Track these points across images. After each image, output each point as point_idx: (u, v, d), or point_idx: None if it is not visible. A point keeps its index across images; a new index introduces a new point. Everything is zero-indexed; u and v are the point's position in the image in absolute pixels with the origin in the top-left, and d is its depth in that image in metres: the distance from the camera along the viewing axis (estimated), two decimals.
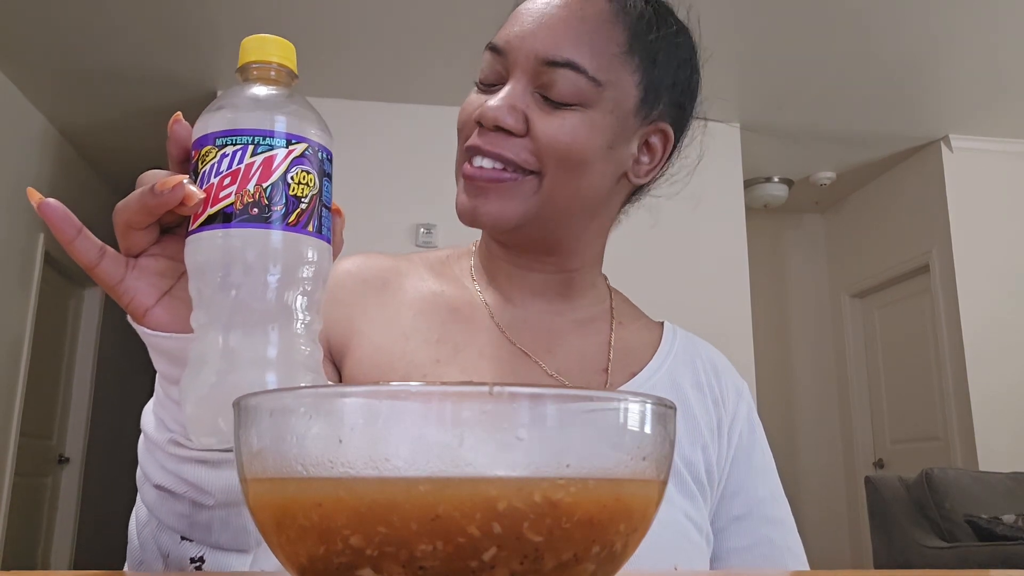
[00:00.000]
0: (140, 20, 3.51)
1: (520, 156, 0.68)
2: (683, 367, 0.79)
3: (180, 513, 0.53)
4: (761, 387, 4.39)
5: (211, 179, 0.43)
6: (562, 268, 0.77)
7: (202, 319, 0.44)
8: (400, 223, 4.00)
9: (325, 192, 0.46)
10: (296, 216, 0.44)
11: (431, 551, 0.27)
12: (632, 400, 0.30)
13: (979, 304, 4.47)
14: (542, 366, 0.74)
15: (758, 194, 5.11)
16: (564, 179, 0.69)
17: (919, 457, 4.62)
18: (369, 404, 0.28)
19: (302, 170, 0.44)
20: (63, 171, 4.72)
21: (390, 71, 3.85)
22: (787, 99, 4.19)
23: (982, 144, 4.63)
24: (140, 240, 0.47)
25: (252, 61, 0.46)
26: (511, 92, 0.69)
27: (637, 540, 0.31)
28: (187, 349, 0.46)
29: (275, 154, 0.43)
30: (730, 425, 0.77)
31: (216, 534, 0.54)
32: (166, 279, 0.48)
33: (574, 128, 0.69)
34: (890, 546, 3.57)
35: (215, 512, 0.53)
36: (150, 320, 0.48)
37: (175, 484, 0.52)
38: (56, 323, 4.79)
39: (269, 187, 0.43)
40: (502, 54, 0.70)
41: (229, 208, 0.43)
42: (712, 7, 3.81)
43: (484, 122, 0.68)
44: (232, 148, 0.43)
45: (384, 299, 0.76)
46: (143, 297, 0.48)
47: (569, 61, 0.68)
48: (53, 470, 4.82)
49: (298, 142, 0.44)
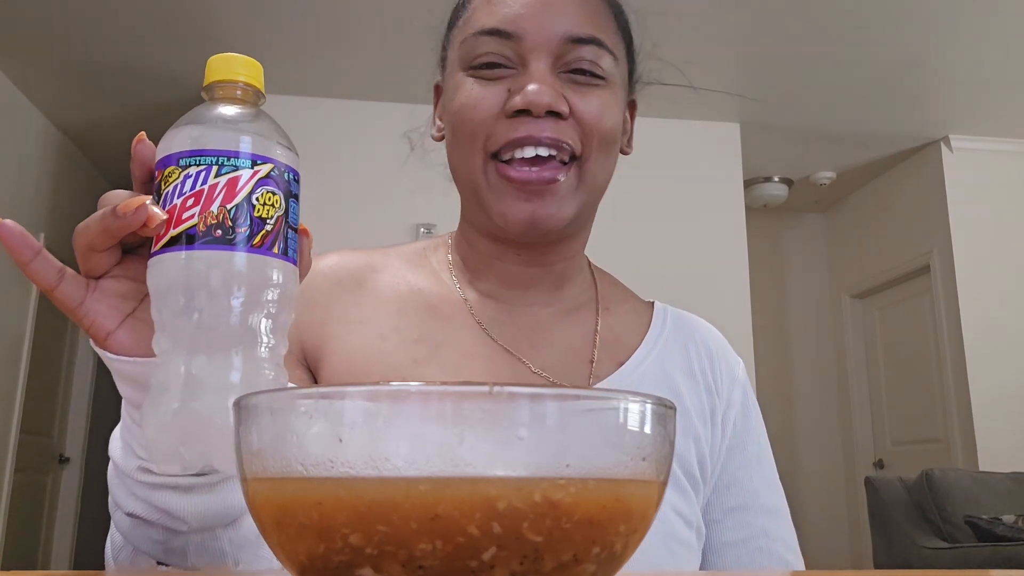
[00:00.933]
0: (140, 17, 3.51)
1: (571, 140, 0.66)
2: (673, 353, 0.76)
3: (154, 539, 0.52)
4: (761, 387, 4.39)
5: (174, 200, 0.42)
6: (564, 256, 0.75)
7: (164, 344, 0.43)
8: (400, 223, 3.99)
9: (292, 213, 0.45)
10: (261, 238, 0.43)
11: (431, 550, 0.27)
12: (632, 400, 0.30)
13: (979, 304, 4.47)
14: (525, 363, 0.71)
15: (758, 194, 5.12)
16: (602, 160, 0.69)
17: (919, 458, 4.62)
18: (369, 403, 0.28)
19: (267, 191, 0.43)
20: (64, 169, 4.72)
21: (390, 71, 3.85)
22: (787, 99, 4.19)
23: (982, 144, 4.63)
24: (101, 262, 0.46)
25: (217, 80, 0.45)
26: (543, 74, 0.66)
27: (637, 541, 0.31)
28: (150, 374, 0.45)
29: (240, 175, 0.42)
30: (724, 413, 0.75)
31: (192, 558, 0.53)
32: (128, 301, 0.47)
33: (608, 105, 0.68)
34: (890, 547, 3.57)
35: (190, 537, 0.52)
36: (112, 344, 0.46)
37: (147, 511, 0.51)
38: (56, 323, 4.79)
39: (233, 208, 0.42)
40: (512, 37, 0.67)
41: (192, 230, 0.42)
42: (713, 7, 3.79)
43: (535, 109, 0.64)
44: (196, 168, 0.42)
45: (359, 299, 0.73)
46: (104, 320, 0.46)
47: (594, 37, 0.67)
48: (53, 469, 4.82)
49: (263, 162, 0.43)
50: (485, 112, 0.67)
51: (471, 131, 0.67)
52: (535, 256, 0.73)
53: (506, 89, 0.66)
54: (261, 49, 3.74)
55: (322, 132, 4.03)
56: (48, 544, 4.75)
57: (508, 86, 0.67)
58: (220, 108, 0.45)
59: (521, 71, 0.67)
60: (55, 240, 4.50)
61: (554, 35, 0.66)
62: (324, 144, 4.00)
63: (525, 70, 0.67)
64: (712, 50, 3.75)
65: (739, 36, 3.65)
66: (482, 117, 0.67)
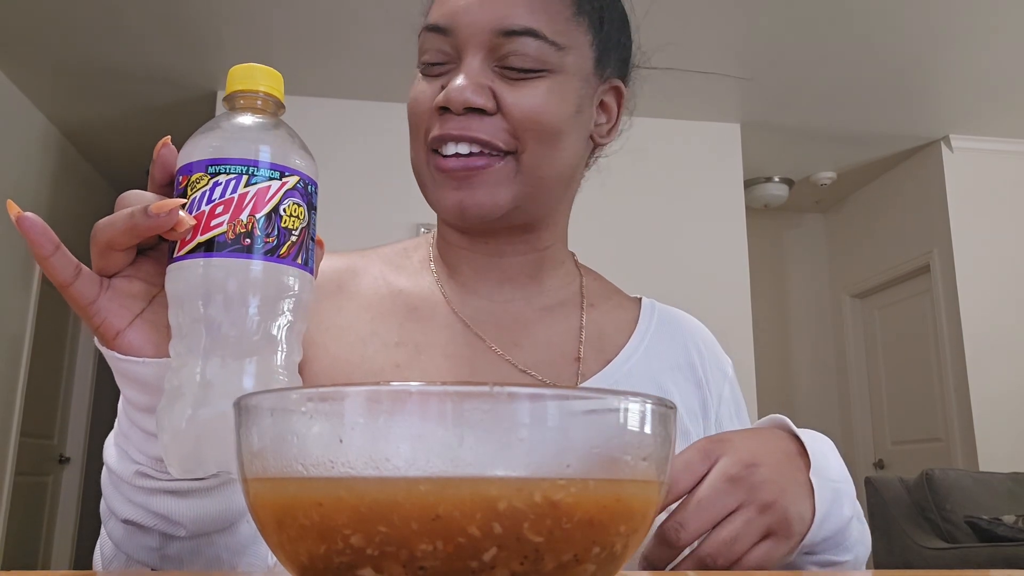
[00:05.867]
0: (141, 18, 3.51)
1: (496, 136, 0.65)
2: (661, 349, 0.75)
3: (149, 547, 0.51)
4: (761, 387, 4.39)
5: (202, 206, 0.42)
6: (535, 247, 0.74)
7: (180, 349, 0.43)
8: (400, 223, 3.99)
9: (312, 224, 0.46)
10: (287, 248, 0.43)
11: (431, 551, 0.27)
12: (633, 401, 0.30)
13: (979, 304, 4.47)
14: (511, 361, 0.70)
15: (758, 194, 5.11)
16: (543, 153, 0.67)
17: (919, 458, 4.62)
18: (369, 404, 0.28)
19: (294, 202, 0.44)
20: (64, 170, 4.72)
21: (390, 71, 3.85)
22: (787, 99, 4.19)
23: (982, 144, 4.63)
24: (118, 261, 0.45)
25: (239, 90, 0.46)
26: (472, 69, 0.65)
27: (637, 541, 0.31)
28: (159, 375, 0.45)
29: (269, 185, 0.43)
30: (717, 408, 0.75)
31: (188, 566, 0.52)
32: (139, 301, 0.47)
33: (545, 97, 0.66)
34: (890, 547, 3.57)
35: (186, 543, 0.51)
36: (121, 344, 0.46)
37: (143, 517, 0.50)
38: (56, 323, 4.79)
39: (262, 218, 0.42)
40: (448, 32, 0.66)
41: (221, 237, 0.42)
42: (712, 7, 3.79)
43: (452, 106, 0.64)
44: (225, 177, 0.42)
45: (339, 303, 0.72)
46: (115, 319, 0.46)
47: (528, 28, 0.65)
48: (54, 470, 4.82)
49: (291, 174, 0.44)
50: (423, 107, 0.68)
51: (415, 125, 0.69)
52: (498, 246, 0.73)
53: (440, 85, 0.67)
54: (261, 49, 3.74)
55: (322, 132, 4.03)
56: (48, 545, 4.75)
57: (443, 82, 0.67)
58: (245, 118, 0.45)
59: (457, 67, 0.67)
60: None
61: (483, 29, 0.65)
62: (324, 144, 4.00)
63: (460, 65, 0.67)
64: (712, 50, 3.75)
65: (739, 36, 3.65)
66: (421, 112, 0.68)
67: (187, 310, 0.43)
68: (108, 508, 0.52)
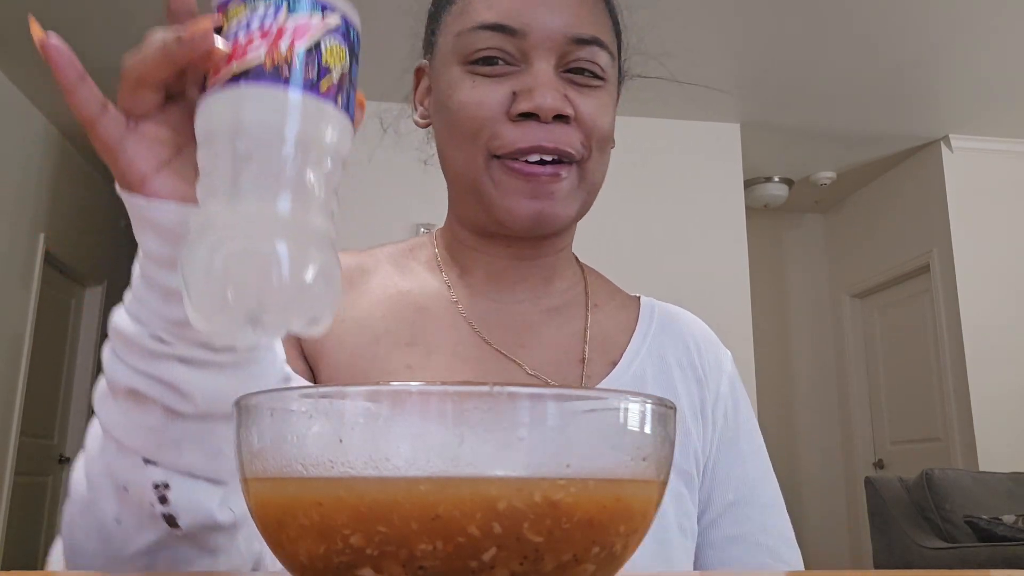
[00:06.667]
0: (140, 16, 3.51)
1: (575, 146, 0.65)
2: (664, 349, 0.76)
3: (148, 427, 0.46)
4: (761, 387, 4.39)
5: (239, 37, 0.39)
6: (555, 249, 0.74)
7: (209, 185, 0.40)
8: (400, 223, 4.00)
9: (354, 73, 0.43)
10: (327, 85, 0.40)
11: (431, 551, 0.27)
12: (632, 400, 0.30)
13: (979, 304, 4.47)
14: (519, 364, 0.70)
15: (758, 194, 5.12)
16: (601, 161, 0.69)
17: (919, 458, 4.62)
18: (369, 404, 0.28)
19: (336, 43, 0.41)
20: (64, 169, 4.72)
21: (390, 71, 3.85)
22: (787, 99, 4.19)
23: (982, 144, 4.63)
24: (148, 100, 0.42)
25: None
26: (549, 76, 0.64)
27: (637, 541, 0.31)
28: (185, 223, 0.41)
29: (311, 20, 0.40)
30: (713, 405, 0.75)
31: (187, 454, 0.46)
32: (167, 148, 0.44)
33: (607, 106, 0.68)
34: (890, 547, 3.57)
35: (189, 425, 0.46)
36: (147, 190, 0.43)
37: (149, 386, 0.45)
38: (56, 322, 4.79)
39: (303, 50, 0.40)
40: (516, 33, 0.65)
41: (258, 67, 0.39)
42: (712, 7, 3.79)
43: (542, 113, 0.63)
44: (264, 6, 0.40)
45: (353, 299, 0.72)
46: (142, 163, 0.43)
47: (596, 37, 0.66)
48: (53, 470, 4.82)
49: (333, 12, 0.41)
50: (488, 112, 0.65)
51: (473, 130, 0.66)
52: (524, 250, 0.72)
53: (510, 91, 0.65)
54: None
55: None
56: (48, 545, 4.74)
57: (512, 86, 0.65)
58: None
59: (523, 69, 0.65)
60: (55, 241, 4.51)
61: (558, 33, 0.65)
62: None
63: (528, 68, 0.65)
64: (712, 50, 3.75)
65: (739, 36, 3.65)
66: (485, 117, 0.65)
67: (219, 145, 0.40)
68: (106, 384, 0.47)
